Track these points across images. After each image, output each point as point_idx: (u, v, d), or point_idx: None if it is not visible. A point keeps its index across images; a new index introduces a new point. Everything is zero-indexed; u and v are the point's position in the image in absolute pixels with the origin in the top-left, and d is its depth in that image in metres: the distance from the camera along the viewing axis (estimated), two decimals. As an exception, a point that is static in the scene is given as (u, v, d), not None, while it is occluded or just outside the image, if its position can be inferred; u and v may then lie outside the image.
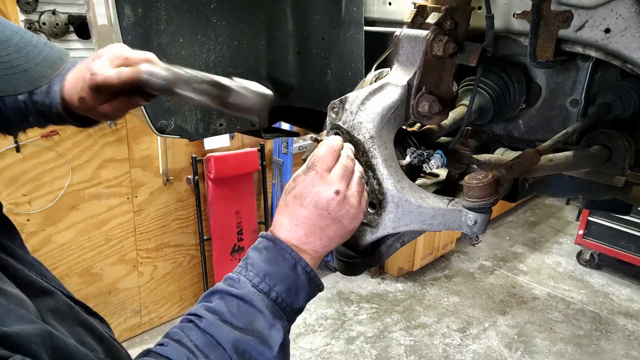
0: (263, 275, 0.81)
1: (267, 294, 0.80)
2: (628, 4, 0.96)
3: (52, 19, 3.03)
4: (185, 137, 1.46)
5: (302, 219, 0.85)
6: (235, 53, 1.48)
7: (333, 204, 0.85)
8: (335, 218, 0.86)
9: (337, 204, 0.85)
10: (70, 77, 1.03)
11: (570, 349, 4.20)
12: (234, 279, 0.82)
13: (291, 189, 0.88)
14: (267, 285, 0.81)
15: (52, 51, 0.80)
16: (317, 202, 0.85)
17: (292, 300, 0.82)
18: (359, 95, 1.05)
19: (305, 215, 0.85)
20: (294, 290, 0.82)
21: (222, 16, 1.43)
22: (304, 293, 0.84)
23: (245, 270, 0.82)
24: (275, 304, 0.81)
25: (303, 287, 0.83)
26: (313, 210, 0.85)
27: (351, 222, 0.88)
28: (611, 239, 5.17)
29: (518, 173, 1.04)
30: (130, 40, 1.27)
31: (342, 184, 0.86)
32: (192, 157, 3.96)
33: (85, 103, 1.01)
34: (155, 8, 1.30)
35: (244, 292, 0.80)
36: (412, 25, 1.11)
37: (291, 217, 0.86)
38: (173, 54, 1.37)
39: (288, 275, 0.82)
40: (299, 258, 0.83)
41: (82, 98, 1.01)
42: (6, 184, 3.12)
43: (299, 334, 4.17)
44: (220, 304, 0.79)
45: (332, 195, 0.85)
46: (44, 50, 0.78)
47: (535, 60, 1.11)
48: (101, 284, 3.73)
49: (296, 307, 0.84)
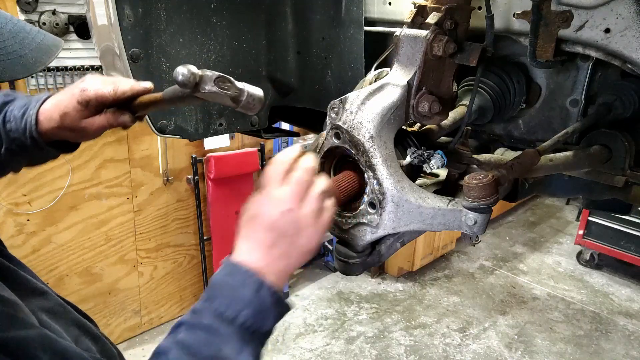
0: (228, 303, 0.78)
1: (233, 321, 0.77)
2: (628, 4, 0.96)
3: (52, 19, 3.03)
4: (185, 137, 1.46)
5: (257, 241, 0.82)
6: (235, 53, 1.48)
7: (284, 223, 0.81)
8: (289, 237, 0.82)
9: (288, 223, 0.82)
10: (52, 99, 1.02)
11: (570, 349, 4.20)
12: (199, 310, 0.79)
13: (245, 211, 0.85)
14: (233, 312, 0.78)
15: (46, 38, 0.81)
16: (268, 222, 0.82)
17: (260, 324, 0.80)
18: (359, 95, 1.05)
19: (259, 237, 0.82)
20: (260, 314, 0.79)
21: (222, 16, 1.43)
22: (271, 315, 0.81)
23: (209, 301, 0.80)
24: (243, 329, 0.78)
25: (270, 310, 0.81)
26: (265, 232, 0.82)
27: (308, 241, 0.84)
28: (611, 239, 5.17)
29: (518, 173, 1.04)
30: (130, 40, 1.27)
31: (292, 202, 0.82)
32: (192, 157, 3.96)
33: (66, 118, 1.00)
34: (155, 8, 1.30)
35: (209, 322, 0.77)
36: (412, 25, 1.10)
37: (248, 240, 0.83)
38: (173, 54, 1.36)
39: (252, 300, 0.79)
40: (262, 281, 0.80)
41: (65, 114, 1.00)
42: (6, 184, 3.12)
43: (299, 334, 4.17)
44: (187, 337, 0.76)
45: (278, 216, 0.81)
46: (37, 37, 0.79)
47: (535, 60, 1.11)
48: (101, 284, 3.73)
49: (265, 330, 0.81)
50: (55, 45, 0.82)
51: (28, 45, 0.76)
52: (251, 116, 1.60)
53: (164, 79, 1.36)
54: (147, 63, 1.32)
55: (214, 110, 1.50)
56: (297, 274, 5.03)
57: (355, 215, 1.08)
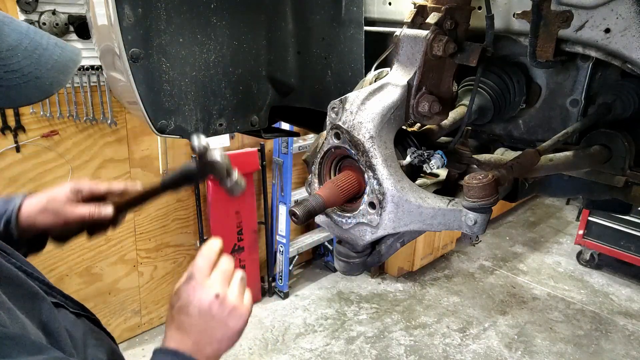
0: None
1: None
2: (628, 4, 0.96)
3: (52, 19, 3.03)
4: (185, 137, 1.46)
5: (189, 327, 0.87)
6: (235, 53, 1.48)
7: (215, 307, 0.87)
8: (219, 320, 0.88)
9: (219, 306, 0.88)
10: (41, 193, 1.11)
11: (570, 349, 4.20)
12: None
13: (175, 302, 0.90)
14: None
15: (64, 52, 0.76)
16: (200, 307, 0.87)
17: None
18: (359, 95, 1.05)
19: (191, 323, 0.87)
20: None
21: (222, 16, 1.43)
22: None
23: None
24: None
25: None
26: (197, 317, 0.87)
27: (237, 321, 0.90)
28: (611, 239, 5.17)
29: (518, 173, 1.04)
30: (130, 40, 1.27)
31: (222, 287, 0.89)
32: (192, 157, 3.96)
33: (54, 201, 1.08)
34: (155, 8, 1.30)
35: None
36: (412, 25, 1.11)
37: (179, 328, 0.88)
38: (173, 54, 1.36)
39: None
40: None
41: (53, 198, 1.08)
42: (6, 184, 3.12)
43: (299, 334, 4.17)
44: None
45: (212, 299, 0.87)
46: (55, 52, 0.74)
47: (535, 60, 1.11)
48: (101, 284, 3.73)
49: None
50: (73, 60, 0.78)
51: (45, 64, 0.72)
52: (251, 116, 1.60)
53: (164, 79, 1.36)
54: (147, 63, 1.31)
55: (214, 110, 1.50)
56: (297, 274, 5.03)
57: (355, 215, 1.08)
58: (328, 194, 1.04)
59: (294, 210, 1.00)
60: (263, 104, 1.61)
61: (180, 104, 1.42)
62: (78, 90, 3.22)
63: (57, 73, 0.74)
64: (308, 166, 1.22)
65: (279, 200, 4.52)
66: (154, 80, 1.34)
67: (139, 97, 1.33)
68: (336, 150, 1.11)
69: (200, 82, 1.44)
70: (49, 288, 0.94)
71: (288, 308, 4.49)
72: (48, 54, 0.73)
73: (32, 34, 0.73)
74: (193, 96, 1.44)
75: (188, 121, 1.45)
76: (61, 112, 3.18)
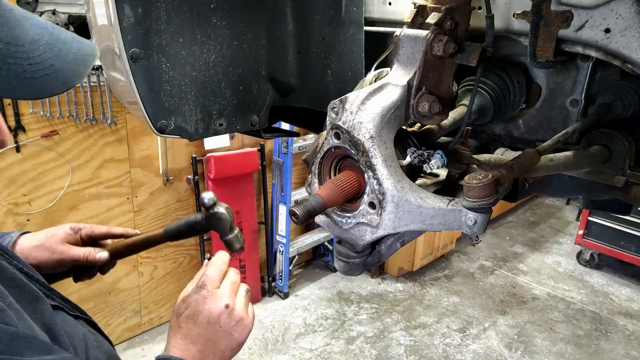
0: None
1: None
2: (628, 4, 0.96)
3: (52, 19, 3.03)
4: (185, 137, 1.46)
5: (195, 336, 0.89)
6: (235, 53, 1.48)
7: (224, 317, 0.91)
8: (226, 331, 0.91)
9: (227, 317, 0.91)
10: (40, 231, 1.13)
11: (570, 349, 4.20)
12: None
13: (183, 310, 0.92)
14: None
15: (82, 46, 0.78)
16: (210, 317, 0.91)
17: None
18: (359, 95, 1.05)
19: (198, 332, 0.90)
20: None
21: (222, 16, 1.42)
22: None
23: None
24: None
25: None
26: (206, 327, 0.90)
27: (242, 333, 0.93)
28: (611, 239, 5.17)
29: (518, 173, 1.04)
30: (130, 40, 1.27)
31: (231, 298, 0.94)
32: (192, 157, 3.96)
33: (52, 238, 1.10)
34: (155, 8, 1.30)
35: None
36: (412, 25, 1.11)
37: (185, 336, 0.90)
38: (173, 53, 1.36)
39: None
40: None
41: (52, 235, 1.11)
42: (6, 184, 3.12)
43: (299, 334, 4.17)
44: None
45: (222, 309, 0.91)
46: (73, 46, 0.76)
47: (535, 60, 1.11)
48: (101, 284, 3.73)
49: None
50: (91, 54, 0.79)
51: (65, 56, 0.73)
52: (251, 116, 1.60)
53: (164, 79, 1.36)
54: (147, 63, 1.31)
55: (214, 110, 1.50)
56: (297, 274, 5.04)
57: (355, 215, 1.08)
58: (328, 194, 1.04)
59: (294, 210, 1.00)
60: (263, 104, 1.61)
61: (180, 104, 1.42)
62: (78, 90, 3.22)
63: (76, 66, 0.75)
64: (308, 166, 1.22)
65: (279, 200, 4.52)
66: (154, 80, 1.34)
67: (139, 97, 1.33)
68: (336, 150, 1.11)
69: (200, 82, 1.44)
70: (49, 290, 0.94)
71: (288, 308, 4.49)
72: (67, 48, 0.74)
73: (51, 29, 0.74)
74: (193, 96, 1.44)
75: (188, 121, 1.45)
76: (61, 112, 3.18)
